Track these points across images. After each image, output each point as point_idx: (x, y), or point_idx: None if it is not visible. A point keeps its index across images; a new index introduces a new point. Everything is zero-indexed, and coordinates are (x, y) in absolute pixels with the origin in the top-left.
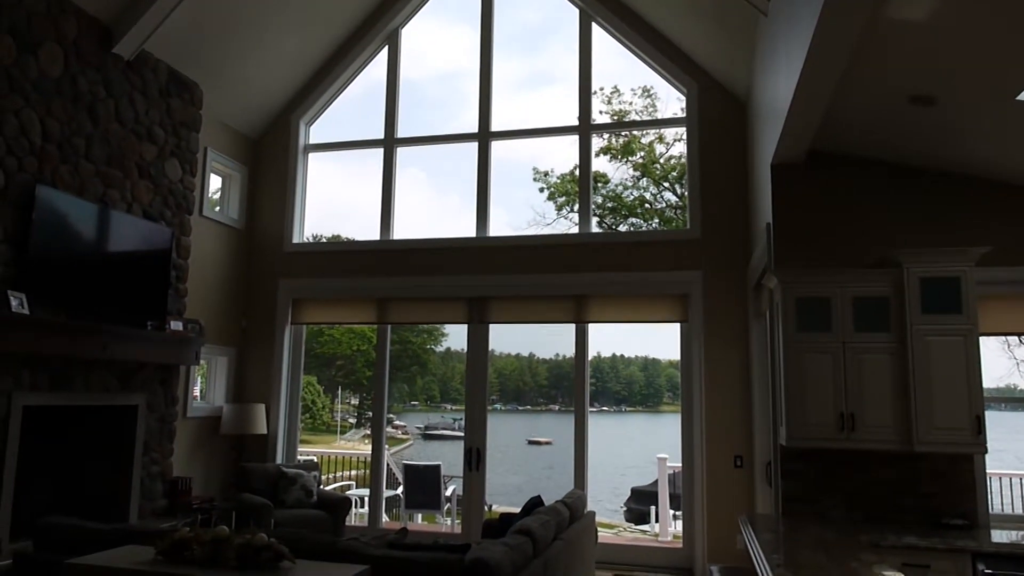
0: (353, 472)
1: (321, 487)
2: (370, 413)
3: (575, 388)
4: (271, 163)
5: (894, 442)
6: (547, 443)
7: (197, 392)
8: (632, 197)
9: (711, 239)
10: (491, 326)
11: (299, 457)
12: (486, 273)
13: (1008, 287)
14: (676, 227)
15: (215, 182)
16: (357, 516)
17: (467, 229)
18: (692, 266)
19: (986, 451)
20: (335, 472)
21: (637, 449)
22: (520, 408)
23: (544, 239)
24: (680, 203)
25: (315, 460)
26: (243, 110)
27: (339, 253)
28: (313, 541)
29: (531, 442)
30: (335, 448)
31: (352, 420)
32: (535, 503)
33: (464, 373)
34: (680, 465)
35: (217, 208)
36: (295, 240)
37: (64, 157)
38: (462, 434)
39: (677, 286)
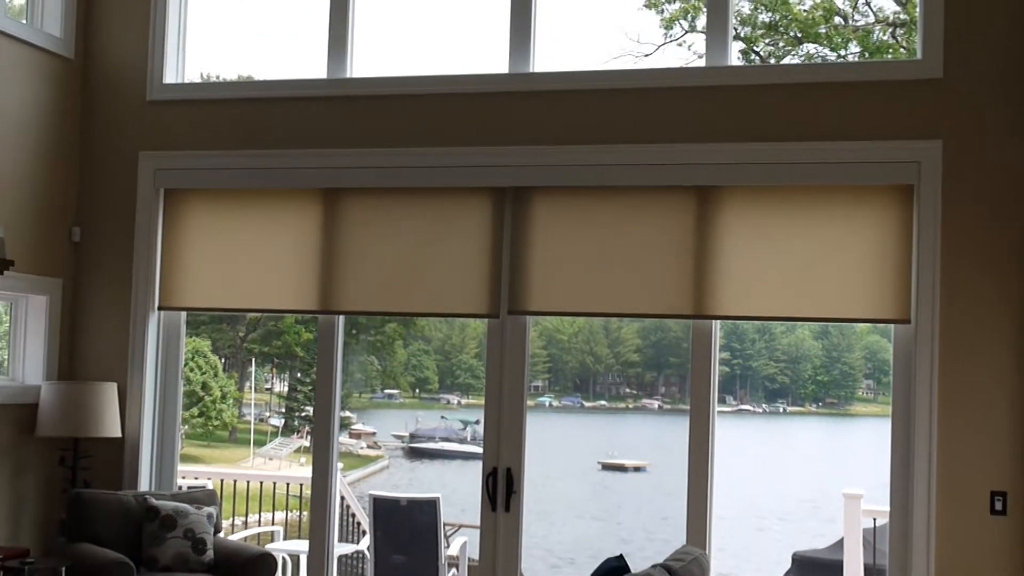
0: (279, 513)
1: (222, 535)
2: (309, 409)
3: (692, 370)
4: None
5: None
6: (637, 468)
7: None
8: (809, 4)
9: (962, 79)
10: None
11: (181, 482)
12: (527, 143)
13: None
14: (894, 58)
15: None
16: None
17: (492, 63)
18: (923, 131)
19: None
20: (247, 511)
21: (806, 481)
22: (588, 404)
23: (639, 78)
24: (903, 16)
25: (210, 488)
26: None
27: (251, 104)
28: None
29: (607, 466)
30: (246, 469)
31: (277, 421)
32: (613, 568)
33: (485, 337)
34: (887, 509)
35: (24, 19)
36: (169, 79)
37: None
38: (479, 448)
39: (893, 170)
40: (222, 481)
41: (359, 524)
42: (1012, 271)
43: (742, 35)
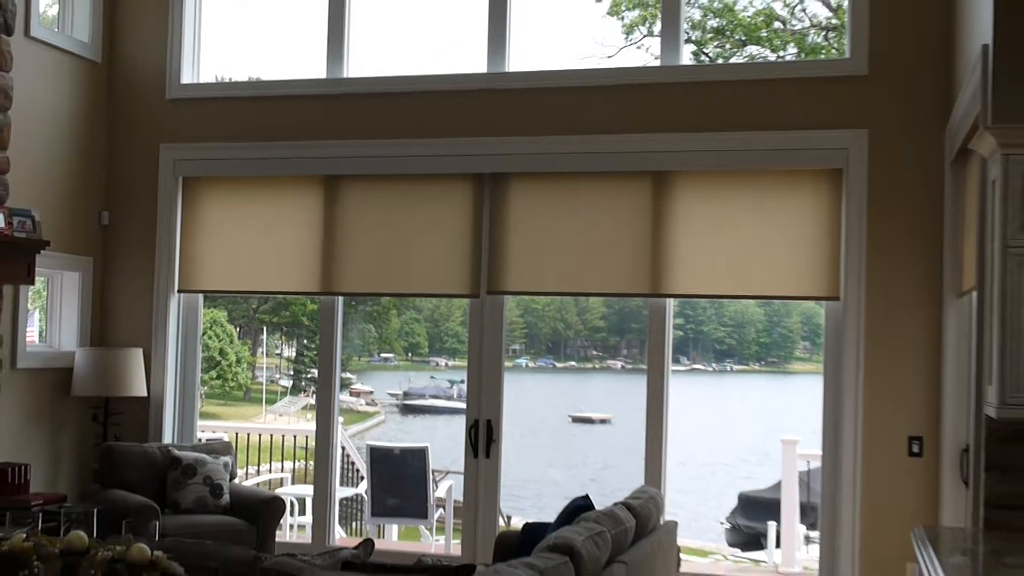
0: (288, 463)
1: (236, 481)
2: (314, 371)
3: (650, 334)
4: None
5: None
6: (602, 420)
7: (33, 329)
8: (752, 11)
9: (885, 76)
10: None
11: (200, 435)
12: (503, 134)
13: None
14: (826, 58)
15: None
16: (295, 529)
17: (472, 63)
18: (851, 122)
19: None
20: (259, 461)
21: (749, 430)
22: (560, 365)
23: (602, 76)
24: (835, 21)
25: (227, 440)
26: None
27: (259, 101)
28: (223, 558)
29: (577, 419)
30: (259, 424)
31: (286, 383)
32: (580, 506)
33: (468, 309)
34: (819, 453)
35: (56, 27)
36: (186, 80)
37: None
38: (463, 404)
39: (824, 156)
40: (237, 434)
41: (358, 471)
42: (930, 248)
43: (693, 38)
